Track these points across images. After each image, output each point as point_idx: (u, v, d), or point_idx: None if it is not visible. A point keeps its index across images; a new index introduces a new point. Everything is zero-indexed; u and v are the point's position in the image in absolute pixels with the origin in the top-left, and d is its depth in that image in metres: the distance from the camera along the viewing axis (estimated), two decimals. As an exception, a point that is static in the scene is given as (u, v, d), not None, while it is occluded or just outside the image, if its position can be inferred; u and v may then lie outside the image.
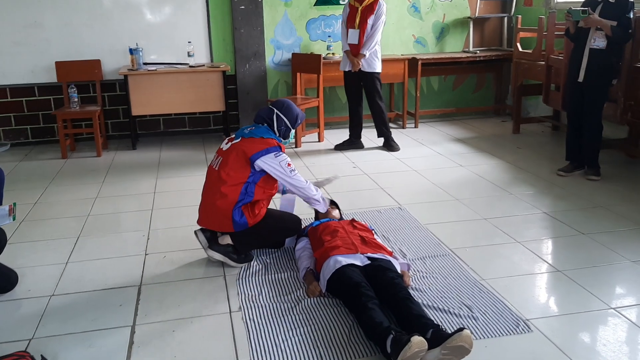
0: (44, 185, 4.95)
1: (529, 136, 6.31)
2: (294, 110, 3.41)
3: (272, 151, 3.19)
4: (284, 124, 3.36)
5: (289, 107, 3.40)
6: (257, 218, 3.21)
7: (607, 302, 2.82)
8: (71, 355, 2.47)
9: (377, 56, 5.68)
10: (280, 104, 3.41)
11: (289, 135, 3.43)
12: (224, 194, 3.15)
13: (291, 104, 3.43)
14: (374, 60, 5.67)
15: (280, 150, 3.24)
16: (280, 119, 3.34)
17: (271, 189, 3.31)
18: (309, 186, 3.30)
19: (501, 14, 7.19)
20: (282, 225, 3.36)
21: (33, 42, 6.12)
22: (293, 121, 3.40)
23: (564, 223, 3.83)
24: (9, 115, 6.28)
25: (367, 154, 5.76)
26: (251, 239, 3.27)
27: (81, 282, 3.15)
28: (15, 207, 2.95)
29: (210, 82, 6.10)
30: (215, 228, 3.26)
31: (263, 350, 2.47)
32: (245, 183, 3.17)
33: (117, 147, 6.24)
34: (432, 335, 2.30)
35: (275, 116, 3.35)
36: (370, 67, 5.67)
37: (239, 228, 3.18)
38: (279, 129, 3.35)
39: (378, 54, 5.69)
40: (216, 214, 3.20)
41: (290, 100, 3.46)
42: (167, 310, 2.84)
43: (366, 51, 5.57)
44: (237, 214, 3.15)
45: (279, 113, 3.35)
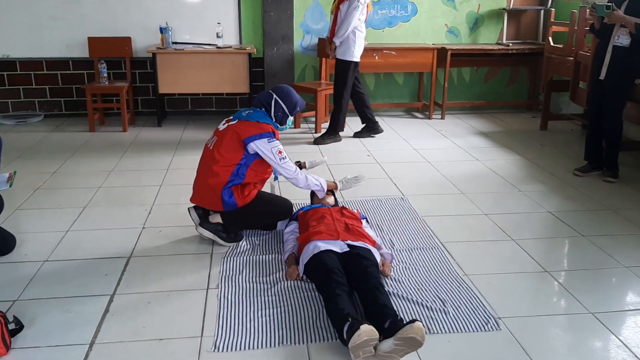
0: (67, 156, 5.14)
1: (556, 134, 6.14)
2: (293, 98, 3.41)
3: (265, 136, 3.22)
4: (282, 110, 3.37)
5: (288, 94, 3.40)
6: (246, 199, 3.26)
7: (587, 307, 2.75)
8: (47, 319, 2.59)
9: (352, 44, 5.43)
10: (280, 90, 3.42)
11: (286, 122, 3.44)
12: (215, 173, 3.22)
13: (291, 91, 3.43)
14: (347, 49, 5.45)
15: (274, 137, 3.27)
16: (278, 105, 3.36)
17: (264, 173, 3.35)
18: (296, 176, 3.31)
19: (538, 7, 6.98)
20: (271, 209, 3.40)
21: (70, 18, 6.33)
22: (292, 108, 3.40)
23: (565, 223, 3.73)
24: (44, 87, 6.54)
25: (385, 143, 5.73)
26: (240, 219, 3.33)
27: (75, 250, 3.29)
28: (15, 175, 3.09)
29: (236, 64, 6.17)
30: (205, 206, 3.33)
31: (228, 327, 2.54)
32: (238, 165, 3.23)
33: (144, 124, 6.40)
34: (389, 325, 2.31)
35: (274, 102, 3.36)
36: (342, 54, 5.49)
37: (228, 208, 3.24)
38: (275, 114, 3.37)
39: (354, 42, 5.44)
40: (207, 192, 3.27)
41: (291, 87, 3.47)
42: (148, 283, 2.93)
43: (337, 39, 5.41)
44: (226, 194, 3.21)
45: (277, 99, 3.36)
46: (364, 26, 5.53)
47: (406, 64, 6.64)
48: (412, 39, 6.96)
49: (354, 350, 2.23)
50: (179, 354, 2.36)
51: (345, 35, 5.38)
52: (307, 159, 3.83)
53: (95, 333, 2.49)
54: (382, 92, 7.11)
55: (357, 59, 5.54)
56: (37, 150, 5.36)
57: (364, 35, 5.55)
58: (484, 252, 3.34)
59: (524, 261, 3.22)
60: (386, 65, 6.62)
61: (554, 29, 6.21)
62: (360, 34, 5.47)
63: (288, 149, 3.57)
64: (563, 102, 6.69)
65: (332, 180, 3.63)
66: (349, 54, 5.47)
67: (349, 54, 5.46)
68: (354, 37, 5.43)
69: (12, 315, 2.46)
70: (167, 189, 4.31)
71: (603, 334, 2.55)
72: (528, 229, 3.68)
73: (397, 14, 6.87)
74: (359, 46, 5.51)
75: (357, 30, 5.43)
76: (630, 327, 2.61)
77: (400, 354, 2.26)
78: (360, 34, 5.48)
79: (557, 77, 6.18)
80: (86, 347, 2.39)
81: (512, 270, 3.12)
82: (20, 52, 6.37)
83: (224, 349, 2.39)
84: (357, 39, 5.46)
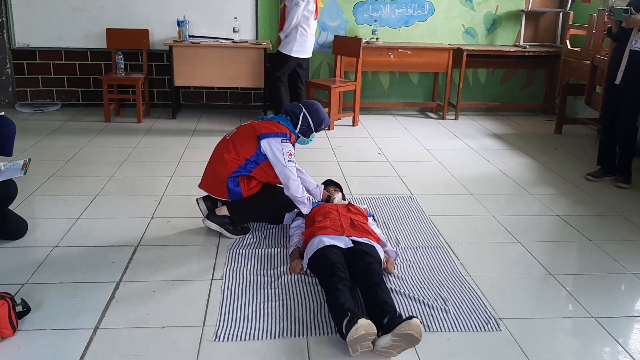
0: (81, 145, 5.22)
1: (570, 138, 6.09)
2: (321, 114, 3.51)
3: (280, 136, 3.27)
4: (307, 124, 3.46)
5: (317, 110, 3.50)
6: (251, 190, 3.30)
7: (589, 311, 2.74)
8: (54, 302, 2.65)
9: (292, 40, 5.62)
10: (309, 105, 3.52)
11: (310, 136, 3.52)
12: (224, 162, 3.28)
13: (320, 108, 3.53)
14: (288, 43, 5.66)
15: (289, 140, 3.30)
16: (305, 119, 3.45)
17: (271, 177, 3.35)
18: (297, 184, 3.28)
19: (557, 9, 6.93)
20: (277, 201, 3.41)
21: (89, 9, 6.41)
22: (318, 124, 3.50)
23: (574, 228, 3.72)
24: (62, 77, 6.63)
25: (397, 142, 5.73)
26: (246, 210, 3.36)
27: (85, 238, 3.34)
28: (29, 162, 3.15)
29: (251, 59, 6.20)
30: (212, 193, 3.38)
31: (230, 318, 2.57)
32: (247, 160, 3.27)
33: (159, 116, 6.47)
34: (387, 321, 2.33)
35: (302, 115, 3.45)
36: (282, 47, 5.70)
37: (233, 197, 3.29)
38: (301, 127, 3.45)
39: (295, 39, 5.62)
40: (214, 179, 3.33)
41: (319, 104, 3.55)
42: (154, 272, 2.97)
43: (281, 33, 5.62)
44: (232, 183, 3.26)
45: (306, 113, 3.46)
46: (312, 23, 5.68)
47: (421, 63, 6.63)
48: (428, 39, 6.94)
49: (351, 344, 2.25)
50: (181, 342, 2.40)
51: (289, 30, 5.59)
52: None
53: (100, 319, 2.54)
54: (397, 91, 7.10)
55: (293, 54, 5.70)
56: (53, 138, 5.44)
57: (308, 33, 5.70)
58: (489, 254, 3.34)
59: (529, 263, 3.21)
60: (401, 64, 6.61)
61: (572, 32, 6.17)
62: (303, 32, 5.64)
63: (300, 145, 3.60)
64: (579, 106, 6.64)
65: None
66: (288, 49, 5.68)
67: (287, 48, 5.68)
68: (295, 34, 5.63)
69: (20, 298, 2.52)
70: (178, 181, 4.36)
71: (605, 339, 2.54)
72: (535, 231, 3.67)
73: (414, 13, 6.86)
74: (300, 44, 5.68)
75: (300, 27, 5.60)
76: (633, 333, 2.60)
77: (397, 350, 2.28)
78: (304, 32, 5.64)
79: (574, 80, 6.13)
80: (90, 332, 2.44)
81: (516, 272, 3.12)
82: (40, 42, 6.47)
83: (224, 338, 2.42)
84: (300, 36, 5.64)
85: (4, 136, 2.97)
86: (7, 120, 3.02)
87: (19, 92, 6.62)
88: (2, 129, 2.96)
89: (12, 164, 3.09)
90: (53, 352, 2.31)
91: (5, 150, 3.01)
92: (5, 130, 2.98)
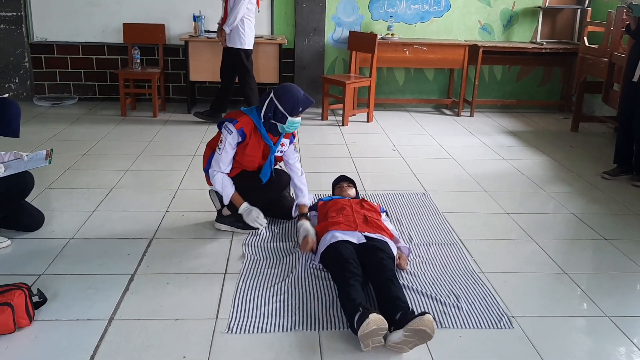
0: (98, 138, 5.27)
1: (586, 135, 6.04)
2: (292, 98, 3.15)
3: (226, 121, 3.21)
4: (274, 110, 3.15)
5: (286, 94, 3.16)
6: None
7: (603, 310, 2.72)
8: (70, 293, 2.68)
9: (241, 33, 5.59)
10: (279, 88, 3.23)
11: (285, 122, 3.17)
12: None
13: (292, 90, 3.19)
14: (236, 37, 5.61)
15: (233, 125, 3.16)
16: (272, 105, 3.15)
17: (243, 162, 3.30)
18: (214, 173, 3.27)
19: (575, 6, 6.86)
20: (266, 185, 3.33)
21: (106, 3, 6.46)
22: (289, 109, 3.14)
23: (589, 226, 3.69)
24: (79, 71, 6.69)
25: (411, 138, 5.72)
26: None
27: (100, 230, 3.38)
28: (52, 152, 3.18)
29: (266, 54, 6.22)
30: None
31: (243, 311, 2.59)
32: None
33: (174, 110, 6.51)
34: (400, 316, 2.33)
35: (268, 101, 3.17)
36: (232, 42, 5.64)
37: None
38: (265, 114, 3.18)
39: (242, 31, 5.60)
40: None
41: (295, 86, 3.26)
42: (168, 265, 3.00)
43: (226, 27, 5.56)
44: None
45: (273, 98, 3.16)
46: (253, 15, 5.68)
47: (437, 59, 6.60)
48: (444, 35, 6.91)
49: (363, 339, 2.26)
50: (194, 334, 2.42)
51: (234, 24, 5.54)
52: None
53: (115, 310, 2.57)
54: (412, 88, 7.08)
55: (247, 47, 5.69)
56: (69, 132, 5.50)
57: (253, 24, 5.70)
58: (502, 251, 3.32)
59: (543, 261, 3.19)
60: (417, 60, 6.59)
61: (589, 29, 6.11)
62: (249, 23, 5.63)
63: (313, 139, 3.57)
64: (596, 104, 6.57)
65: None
66: (239, 42, 5.64)
67: (238, 42, 5.63)
68: (242, 26, 5.59)
69: (36, 288, 2.55)
70: (193, 175, 4.38)
71: (618, 338, 2.53)
72: (550, 229, 3.64)
73: (430, 9, 6.83)
74: (249, 35, 5.66)
75: (245, 19, 5.58)
76: (647, 332, 2.58)
77: (409, 346, 2.28)
78: (250, 23, 5.64)
79: (591, 78, 6.07)
80: (105, 323, 2.47)
81: (529, 270, 3.10)
82: (58, 36, 6.54)
83: (237, 330, 2.44)
84: (246, 27, 5.62)
85: (9, 117, 2.99)
86: (11, 101, 3.04)
87: (37, 86, 6.69)
88: (7, 110, 2.99)
89: (34, 154, 3.13)
90: (68, 342, 2.34)
91: (12, 131, 3.03)
92: (9, 111, 3.00)
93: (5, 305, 2.32)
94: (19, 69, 6.54)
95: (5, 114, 2.98)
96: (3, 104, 2.98)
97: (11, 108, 3.01)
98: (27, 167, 3.08)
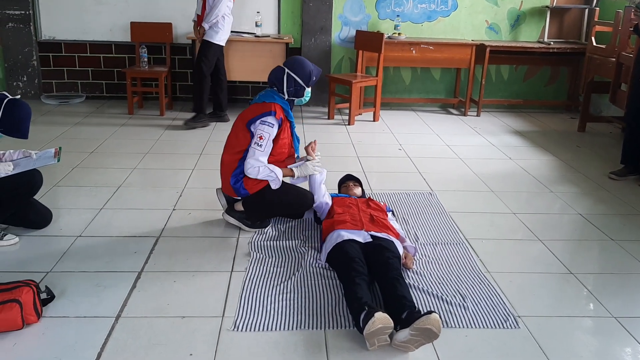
0: (105, 137, 5.29)
1: (594, 136, 6.02)
2: (306, 67, 3.26)
3: (263, 116, 3.18)
4: (294, 83, 3.25)
5: (300, 64, 3.26)
6: (257, 186, 3.25)
7: (610, 310, 2.72)
8: (77, 290, 2.70)
9: (220, 29, 5.59)
10: (291, 61, 3.30)
11: (304, 94, 3.31)
12: (224, 161, 3.34)
13: (304, 61, 3.30)
14: (215, 33, 5.59)
15: (273, 116, 3.17)
16: (291, 79, 3.23)
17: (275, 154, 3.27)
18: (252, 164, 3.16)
19: (582, 5, 6.83)
20: (290, 200, 3.35)
21: (114, 2, 6.49)
22: (306, 78, 3.25)
23: (595, 226, 3.68)
24: (87, 70, 6.72)
25: (418, 137, 5.72)
26: (257, 207, 3.36)
27: (107, 228, 3.40)
28: (60, 150, 3.20)
29: (273, 53, 6.22)
30: (226, 192, 3.42)
31: (249, 309, 2.60)
32: (245, 151, 3.23)
33: (181, 109, 6.52)
34: (406, 315, 2.33)
35: (286, 76, 3.24)
36: (208, 37, 5.61)
37: (240, 195, 3.30)
38: (288, 89, 3.25)
39: (222, 27, 5.59)
40: (223, 180, 3.39)
41: (303, 57, 3.36)
42: (175, 262, 3.01)
43: (205, 24, 5.54)
44: (232, 180, 3.28)
45: (289, 72, 3.24)
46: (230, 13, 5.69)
47: (444, 59, 6.59)
48: (451, 35, 6.90)
49: (369, 337, 2.26)
50: (200, 331, 2.43)
51: (215, 20, 5.53)
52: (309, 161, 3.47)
53: (122, 307, 2.58)
54: (418, 87, 7.08)
55: (222, 43, 5.68)
56: (77, 130, 5.53)
57: (231, 21, 5.71)
58: (509, 251, 3.32)
59: (549, 262, 3.19)
60: (423, 60, 6.58)
61: (597, 29, 6.09)
62: (229, 20, 5.64)
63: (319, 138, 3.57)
64: (603, 104, 6.55)
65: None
66: (216, 38, 5.63)
67: (215, 37, 5.62)
68: (222, 22, 5.59)
69: (44, 286, 2.57)
70: (199, 173, 4.40)
71: (625, 338, 2.52)
72: (556, 230, 3.63)
73: (437, 9, 6.82)
74: (226, 32, 5.67)
75: (225, 16, 5.59)
76: (654, 333, 2.58)
77: (415, 345, 2.28)
78: (229, 20, 5.65)
79: (598, 78, 6.05)
80: (112, 320, 2.48)
81: (536, 270, 3.10)
82: (66, 34, 6.57)
83: (243, 328, 2.45)
84: (226, 24, 5.63)
85: (19, 118, 3.00)
86: (21, 102, 3.05)
87: (45, 84, 6.73)
88: (17, 111, 2.99)
89: (43, 152, 3.15)
90: (76, 338, 2.36)
91: (21, 132, 3.04)
92: (19, 112, 3.00)
93: (13, 302, 2.34)
94: (27, 67, 6.57)
95: (15, 114, 2.98)
96: (14, 104, 2.99)
97: (22, 109, 3.02)
98: (35, 165, 3.11)
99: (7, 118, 2.96)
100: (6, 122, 2.96)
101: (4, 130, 2.99)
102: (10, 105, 2.97)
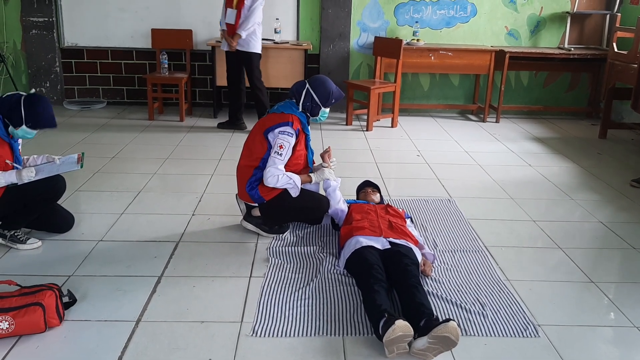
0: (126, 142, 5.36)
1: (615, 143, 5.95)
2: (328, 87, 3.32)
3: (281, 126, 3.22)
4: (311, 100, 3.31)
5: (322, 84, 3.32)
6: (272, 193, 3.28)
7: (632, 320, 2.68)
8: (99, 294, 2.73)
9: (255, 37, 5.59)
10: (314, 79, 3.36)
11: (318, 113, 3.37)
12: (241, 167, 3.37)
13: (326, 81, 3.35)
14: (252, 41, 5.59)
15: (291, 127, 3.22)
16: (309, 95, 3.30)
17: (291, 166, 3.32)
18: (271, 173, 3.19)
19: (603, 11, 6.77)
20: (305, 205, 3.36)
21: (135, 9, 6.57)
22: (324, 99, 3.32)
23: (617, 235, 3.64)
24: (108, 76, 6.81)
25: (436, 144, 5.71)
26: (273, 213, 3.38)
27: (128, 232, 3.44)
28: (83, 156, 3.25)
29: (291, 60, 6.26)
30: (242, 199, 3.45)
31: (268, 314, 2.61)
32: (262, 160, 3.27)
33: (201, 115, 6.58)
34: (424, 323, 2.33)
35: (305, 91, 3.31)
36: (249, 46, 5.60)
37: (256, 201, 3.34)
38: (304, 104, 3.32)
39: (257, 35, 5.60)
40: (238, 184, 3.42)
41: (328, 78, 3.41)
42: (194, 267, 3.04)
43: (242, 32, 5.50)
44: (248, 187, 3.31)
45: (309, 88, 3.31)
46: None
47: (463, 65, 6.57)
48: (470, 41, 6.88)
49: (388, 345, 2.26)
50: (219, 336, 2.45)
51: (252, 29, 5.53)
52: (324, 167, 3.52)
53: (142, 311, 2.61)
54: (437, 93, 7.06)
55: (260, 51, 5.70)
56: (98, 135, 5.60)
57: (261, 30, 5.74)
58: (528, 259, 3.29)
59: (570, 270, 3.16)
60: (442, 66, 6.57)
61: (618, 35, 6.02)
62: (260, 28, 5.65)
63: (337, 144, 3.58)
64: (625, 111, 6.47)
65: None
66: (252, 47, 5.62)
67: (252, 46, 5.62)
68: (258, 30, 5.61)
69: (66, 289, 2.61)
70: (218, 179, 4.43)
71: (647, 349, 2.49)
72: (577, 238, 3.60)
73: (456, 15, 6.81)
74: (260, 39, 5.69)
75: (260, 24, 5.61)
76: (677, 344, 2.54)
77: (434, 353, 2.28)
78: (260, 29, 5.66)
79: (620, 84, 5.99)
80: (133, 324, 2.51)
81: (556, 279, 3.07)
82: (88, 41, 6.67)
83: (262, 334, 2.46)
84: (259, 32, 5.64)
85: (42, 109, 3.01)
86: (37, 95, 3.06)
87: (67, 90, 6.83)
88: (37, 104, 3.01)
89: (66, 158, 3.20)
90: (97, 342, 2.39)
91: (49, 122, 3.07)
92: (39, 104, 3.02)
93: (36, 305, 2.38)
94: (50, 73, 6.68)
95: (37, 108, 3.02)
96: (32, 99, 3.02)
97: (41, 101, 3.04)
98: (59, 170, 3.15)
99: (30, 113, 3.00)
100: (31, 117, 3.01)
101: (32, 125, 3.04)
102: (29, 101, 3.02)
